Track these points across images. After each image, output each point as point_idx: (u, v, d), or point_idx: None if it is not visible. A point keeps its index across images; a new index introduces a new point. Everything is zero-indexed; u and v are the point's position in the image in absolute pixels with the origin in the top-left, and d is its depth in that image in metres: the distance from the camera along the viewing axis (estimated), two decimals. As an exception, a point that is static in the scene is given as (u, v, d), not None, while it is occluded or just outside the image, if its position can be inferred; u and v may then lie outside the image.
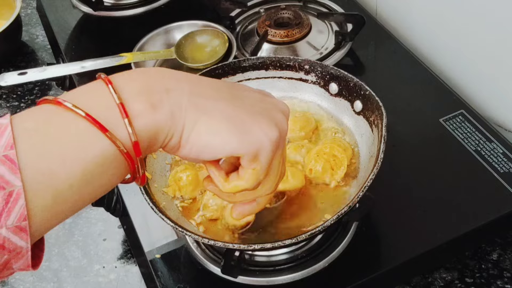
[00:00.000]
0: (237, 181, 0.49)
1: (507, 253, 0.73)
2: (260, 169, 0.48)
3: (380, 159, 0.62)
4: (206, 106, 0.45)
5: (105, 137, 0.41)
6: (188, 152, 0.46)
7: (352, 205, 0.60)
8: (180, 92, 0.45)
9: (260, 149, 0.47)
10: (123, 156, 0.42)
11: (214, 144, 0.45)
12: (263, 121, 0.47)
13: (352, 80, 0.72)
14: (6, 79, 0.88)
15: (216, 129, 0.45)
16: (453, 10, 0.89)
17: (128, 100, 0.42)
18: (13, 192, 0.37)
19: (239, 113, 0.46)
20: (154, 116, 0.43)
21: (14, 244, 0.38)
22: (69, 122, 0.40)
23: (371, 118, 0.69)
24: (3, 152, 0.37)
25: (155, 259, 0.72)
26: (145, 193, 0.65)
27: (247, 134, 0.46)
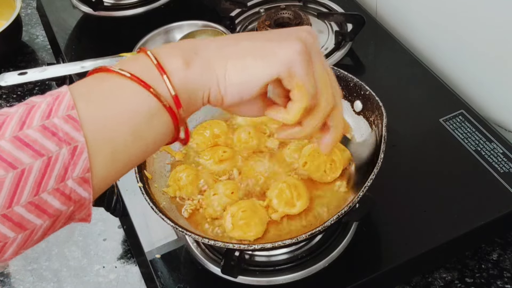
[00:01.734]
0: (295, 104, 0.50)
1: (507, 253, 0.73)
2: (304, 81, 0.49)
3: (380, 159, 0.62)
4: (230, 51, 0.49)
5: (149, 94, 0.45)
6: (231, 98, 0.49)
7: (352, 205, 0.60)
8: (207, 49, 0.49)
9: (291, 63, 0.48)
10: (166, 110, 0.46)
11: (247, 79, 0.48)
12: (283, 40, 0.49)
13: (352, 80, 0.72)
14: (6, 79, 0.88)
15: (243, 65, 0.48)
16: (453, 10, 0.89)
17: (164, 59, 0.47)
18: (77, 147, 0.42)
19: (259, 43, 0.49)
20: (188, 72, 0.47)
21: (79, 195, 0.43)
22: (117, 83, 0.45)
23: (371, 118, 0.69)
24: (66, 112, 0.42)
25: (155, 259, 0.72)
26: (145, 193, 0.65)
27: (272, 55, 0.48)
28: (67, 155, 0.41)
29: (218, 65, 0.48)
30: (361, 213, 0.65)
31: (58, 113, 0.42)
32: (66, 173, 0.41)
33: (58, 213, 0.43)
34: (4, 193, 0.40)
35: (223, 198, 0.68)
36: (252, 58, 0.48)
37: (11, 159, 0.40)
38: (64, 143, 0.41)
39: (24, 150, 0.40)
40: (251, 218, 0.65)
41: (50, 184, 0.41)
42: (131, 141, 0.45)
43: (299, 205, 0.67)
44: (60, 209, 0.43)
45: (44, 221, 0.43)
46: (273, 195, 0.67)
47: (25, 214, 0.41)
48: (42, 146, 0.41)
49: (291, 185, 0.67)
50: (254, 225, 0.65)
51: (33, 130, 0.41)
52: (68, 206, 0.43)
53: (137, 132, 0.45)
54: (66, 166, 0.41)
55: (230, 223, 0.65)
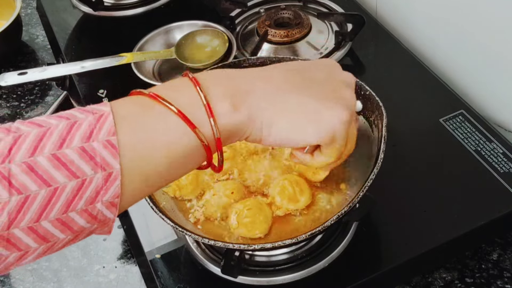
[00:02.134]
0: (322, 157, 0.55)
1: (507, 253, 0.73)
2: (339, 146, 0.53)
3: (381, 159, 0.62)
4: (281, 102, 0.50)
5: (192, 133, 0.46)
6: (270, 144, 0.51)
7: (352, 205, 0.60)
8: (257, 93, 0.50)
9: (335, 132, 0.52)
10: (205, 149, 0.47)
11: (293, 137, 0.51)
12: (333, 105, 0.52)
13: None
14: (6, 79, 0.88)
15: (294, 124, 0.51)
16: (453, 10, 0.89)
17: (213, 100, 0.47)
18: (112, 174, 0.42)
19: (311, 103, 0.51)
20: (235, 116, 0.48)
21: (104, 216, 0.44)
22: (162, 115, 0.46)
23: (371, 118, 0.69)
24: (106, 137, 0.42)
25: (155, 259, 0.72)
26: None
27: (322, 123, 0.51)
28: (100, 180, 0.42)
29: (266, 115, 0.49)
30: (361, 213, 0.65)
31: (99, 137, 0.42)
32: (97, 197, 0.42)
33: (82, 229, 0.44)
34: (35, 208, 0.40)
35: (223, 198, 0.69)
36: (302, 121, 0.51)
37: (47, 177, 0.40)
38: (100, 168, 0.42)
39: (60, 170, 0.41)
40: (257, 216, 0.65)
41: (80, 205, 0.42)
42: (164, 171, 0.46)
43: (303, 200, 0.67)
44: (84, 226, 0.44)
45: (67, 235, 0.44)
46: (276, 193, 0.68)
47: (51, 229, 0.42)
48: (78, 168, 0.41)
49: (293, 181, 0.68)
50: (259, 223, 0.65)
51: (71, 151, 0.41)
52: (92, 224, 0.44)
53: (172, 165, 0.46)
54: (98, 190, 0.42)
55: (235, 220, 0.65)
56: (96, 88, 0.95)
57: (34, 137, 0.41)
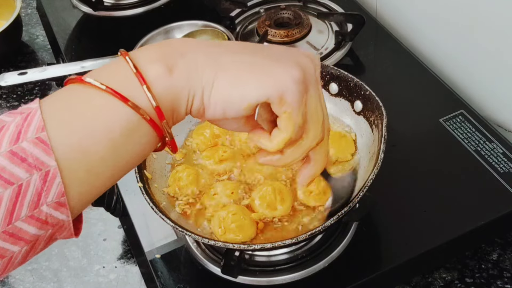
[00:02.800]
0: (279, 134, 0.47)
1: (507, 253, 0.73)
2: (292, 110, 0.46)
3: (381, 159, 0.62)
4: (222, 61, 0.45)
5: (128, 107, 0.42)
6: (214, 111, 0.45)
7: (352, 205, 0.60)
8: (195, 54, 0.45)
9: (284, 89, 0.45)
10: (148, 123, 0.43)
11: (235, 95, 0.45)
12: (283, 63, 0.46)
13: (352, 80, 0.72)
14: (6, 79, 0.88)
15: (235, 80, 0.44)
16: (453, 10, 0.89)
17: (144, 67, 0.43)
18: (49, 172, 0.39)
19: (257, 60, 0.46)
20: (171, 78, 0.43)
21: (56, 218, 0.41)
22: (92, 97, 0.42)
23: (371, 118, 0.69)
24: (36, 135, 0.39)
25: (155, 259, 0.72)
26: (145, 193, 0.65)
27: (267, 76, 0.45)
28: (38, 181, 0.39)
29: (206, 73, 0.44)
30: (361, 213, 0.65)
31: (27, 136, 0.39)
32: (40, 200, 0.39)
33: (35, 238, 0.41)
34: None
35: (223, 198, 0.69)
36: (246, 73, 0.45)
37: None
38: (35, 169, 0.39)
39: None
40: (242, 220, 0.65)
41: (23, 212, 0.39)
42: (110, 157, 0.42)
43: (281, 209, 0.67)
44: (37, 234, 0.41)
45: (22, 247, 0.41)
46: (257, 196, 0.68)
47: (0, 243, 0.39)
48: (11, 174, 0.38)
49: (276, 189, 0.68)
50: (247, 226, 0.65)
51: (1, 157, 0.38)
52: (46, 230, 0.41)
53: (116, 148, 0.42)
54: (39, 192, 0.39)
55: (221, 227, 0.65)
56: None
57: None
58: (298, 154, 0.49)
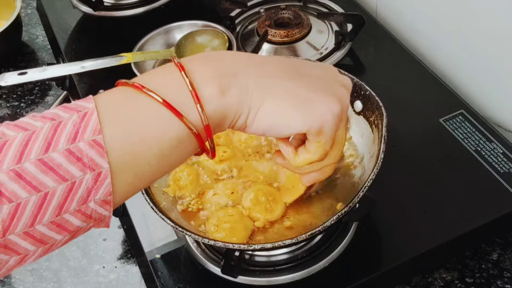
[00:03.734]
0: (306, 154, 0.52)
1: (507, 253, 0.73)
2: (326, 142, 0.51)
3: (381, 159, 0.62)
4: (271, 86, 0.48)
5: (181, 122, 0.45)
6: (255, 131, 0.49)
7: (352, 205, 0.60)
8: (246, 76, 0.48)
9: (324, 123, 0.49)
10: (195, 137, 0.46)
11: (279, 123, 0.49)
12: (325, 96, 0.49)
13: (352, 80, 0.72)
14: (6, 79, 0.88)
15: (280, 109, 0.48)
16: (453, 10, 0.89)
17: (199, 85, 0.46)
18: (101, 173, 0.42)
19: (302, 91, 0.49)
20: (224, 100, 0.46)
21: (99, 214, 0.44)
22: (148, 106, 0.45)
23: (371, 118, 0.69)
24: (92, 137, 0.42)
25: (155, 259, 0.72)
26: (145, 193, 0.65)
27: (310, 111, 0.48)
28: (90, 180, 0.42)
29: (254, 97, 0.47)
30: (361, 213, 0.65)
31: (84, 137, 0.42)
32: (89, 197, 0.42)
33: (78, 229, 0.44)
34: (27, 214, 0.40)
35: (223, 198, 0.69)
36: (291, 106, 0.48)
37: (36, 183, 0.40)
38: (89, 168, 0.41)
39: (48, 174, 0.40)
40: (237, 223, 0.65)
41: (72, 206, 0.42)
42: (156, 164, 0.45)
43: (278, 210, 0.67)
44: (80, 226, 0.44)
45: (64, 236, 0.44)
46: (251, 204, 0.67)
47: (47, 232, 0.42)
48: (66, 171, 0.41)
49: (266, 192, 0.68)
50: (239, 230, 0.65)
51: (58, 154, 0.41)
52: (88, 223, 0.44)
53: (162, 156, 0.45)
54: (89, 190, 0.42)
55: (214, 225, 0.65)
56: (96, 88, 0.95)
57: (19, 142, 0.41)
58: (315, 168, 0.55)
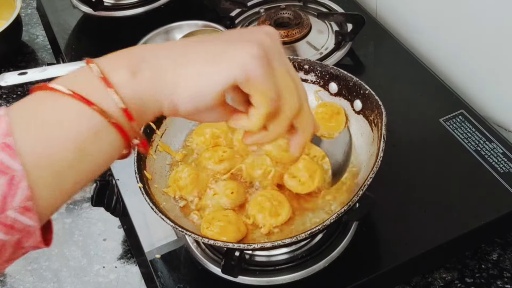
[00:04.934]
0: (255, 111, 0.48)
1: (507, 253, 0.73)
2: (264, 87, 0.46)
3: (380, 158, 0.62)
4: (182, 57, 0.46)
5: (93, 111, 0.42)
6: (185, 108, 0.46)
7: (352, 205, 0.60)
8: (156, 57, 0.46)
9: (246, 67, 0.45)
10: (114, 127, 0.43)
11: (201, 88, 0.45)
12: (238, 43, 0.46)
13: (351, 79, 0.72)
14: (6, 79, 0.88)
15: (195, 72, 0.45)
16: (453, 10, 0.89)
17: (109, 73, 0.44)
18: (15, 176, 0.40)
19: (213, 48, 0.46)
20: (136, 82, 0.44)
21: (22, 223, 0.41)
22: (57, 102, 0.43)
23: (370, 117, 0.69)
24: (2, 140, 0.40)
25: (155, 259, 0.72)
26: (145, 194, 0.65)
27: (227, 60, 0.45)
28: (5, 186, 0.39)
29: (168, 73, 0.45)
30: (361, 213, 0.65)
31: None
32: (6, 204, 0.40)
33: (2, 243, 0.41)
34: None
35: (223, 198, 0.69)
36: (205, 63, 0.45)
37: None
38: (0, 173, 0.39)
39: None
40: (230, 224, 0.65)
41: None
42: (77, 161, 0.42)
43: (284, 213, 0.67)
44: (3, 239, 0.41)
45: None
46: (255, 211, 0.67)
47: None
48: None
49: (270, 197, 0.67)
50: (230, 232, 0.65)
51: None
52: (12, 235, 0.41)
53: (82, 153, 0.42)
54: (5, 196, 0.39)
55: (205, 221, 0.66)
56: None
57: None
58: (281, 127, 0.50)
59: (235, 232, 0.65)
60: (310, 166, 0.69)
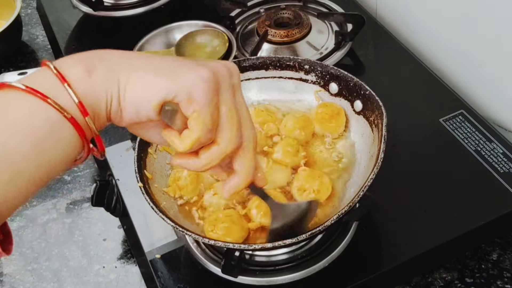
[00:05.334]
0: (188, 132, 0.48)
1: (507, 253, 0.73)
2: (200, 109, 0.46)
3: (381, 158, 0.62)
4: (135, 63, 0.47)
5: (48, 105, 0.43)
6: (128, 113, 0.47)
7: (352, 205, 0.60)
8: (110, 60, 0.47)
9: (192, 89, 0.46)
10: (69, 121, 0.44)
11: (145, 94, 0.46)
12: (193, 64, 0.47)
13: (352, 80, 0.72)
14: (6, 79, 0.88)
15: (144, 80, 0.46)
16: (453, 10, 0.89)
17: (65, 69, 0.45)
18: None
19: (168, 63, 0.47)
20: (90, 80, 0.45)
21: None
22: (14, 99, 0.43)
23: (371, 118, 0.69)
24: None
25: (155, 259, 0.72)
26: (146, 193, 0.65)
27: (176, 77, 0.46)
28: None
29: (121, 74, 0.46)
30: (361, 213, 0.65)
31: None
32: None
33: None
34: None
35: (223, 198, 0.69)
36: (154, 73, 0.46)
37: None
38: None
39: None
40: (234, 224, 0.65)
41: None
42: (33, 156, 0.42)
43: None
44: None
45: None
46: (253, 206, 0.67)
47: None
48: None
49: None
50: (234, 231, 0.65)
51: None
52: None
53: (38, 148, 0.42)
54: None
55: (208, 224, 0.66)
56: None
57: None
58: (212, 158, 0.50)
59: (240, 232, 0.65)
60: (311, 173, 0.69)
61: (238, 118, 0.49)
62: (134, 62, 0.47)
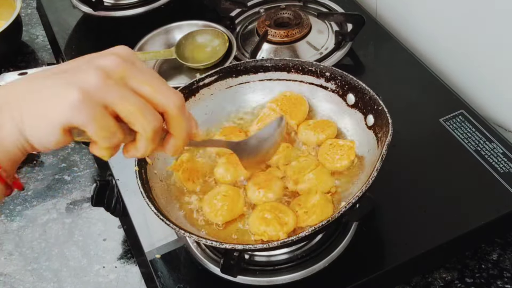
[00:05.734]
0: (95, 151, 0.49)
1: (507, 253, 0.73)
2: (90, 127, 0.46)
3: (380, 161, 0.62)
4: (20, 95, 0.47)
5: None
6: (41, 144, 0.47)
7: (352, 205, 0.60)
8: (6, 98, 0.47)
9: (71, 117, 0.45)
10: None
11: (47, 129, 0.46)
12: (60, 88, 0.46)
13: (368, 93, 0.70)
14: (6, 79, 0.88)
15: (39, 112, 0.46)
16: (453, 10, 0.89)
17: None
18: None
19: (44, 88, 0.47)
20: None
21: None
22: None
23: (379, 134, 0.68)
24: None
25: (155, 259, 0.72)
26: (146, 193, 0.65)
27: (54, 106, 0.46)
28: None
29: (13, 110, 0.46)
30: (361, 213, 0.65)
31: None
32: None
33: None
34: None
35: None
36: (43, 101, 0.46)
37: None
38: None
39: None
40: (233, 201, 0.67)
41: None
42: None
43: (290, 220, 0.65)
44: None
45: None
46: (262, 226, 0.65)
47: None
48: None
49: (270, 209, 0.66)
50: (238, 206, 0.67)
51: None
52: None
53: None
54: None
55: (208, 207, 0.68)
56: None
57: None
58: (144, 144, 0.50)
59: (242, 204, 0.68)
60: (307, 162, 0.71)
61: (139, 103, 0.48)
62: (18, 91, 0.47)
